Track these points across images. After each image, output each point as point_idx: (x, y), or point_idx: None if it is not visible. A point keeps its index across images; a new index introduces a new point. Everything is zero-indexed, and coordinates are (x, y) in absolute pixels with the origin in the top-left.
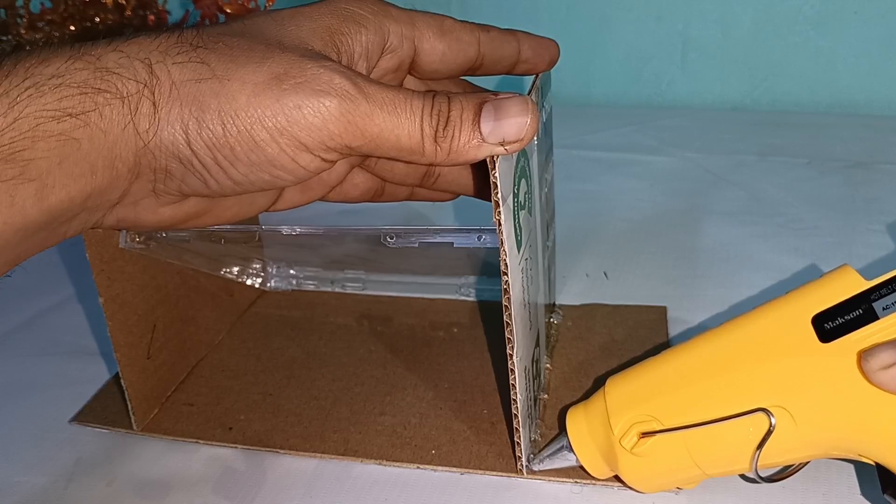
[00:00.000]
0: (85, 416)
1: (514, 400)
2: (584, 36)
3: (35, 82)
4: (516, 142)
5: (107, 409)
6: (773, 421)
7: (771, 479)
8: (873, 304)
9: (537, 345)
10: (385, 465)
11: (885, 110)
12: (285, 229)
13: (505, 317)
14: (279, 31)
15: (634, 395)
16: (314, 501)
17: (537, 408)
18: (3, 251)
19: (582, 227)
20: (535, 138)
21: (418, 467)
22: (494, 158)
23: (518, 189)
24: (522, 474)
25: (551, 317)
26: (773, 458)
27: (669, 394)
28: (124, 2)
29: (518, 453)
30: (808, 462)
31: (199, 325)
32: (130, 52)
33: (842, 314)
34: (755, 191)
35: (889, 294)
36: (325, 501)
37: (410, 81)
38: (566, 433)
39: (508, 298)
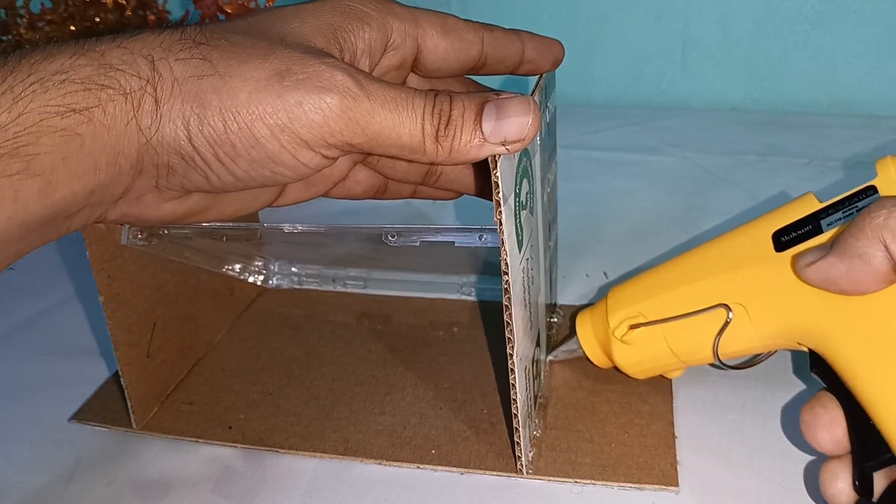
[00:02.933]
0: (84, 414)
1: (514, 400)
2: (584, 36)
3: (39, 78)
4: (517, 141)
5: (106, 408)
6: (730, 314)
7: (736, 367)
8: (821, 222)
9: (538, 345)
10: (385, 465)
11: (885, 110)
12: (287, 227)
13: (505, 316)
14: (282, 28)
15: (628, 298)
16: (314, 501)
17: (537, 407)
18: (6, 245)
19: (582, 227)
20: (538, 138)
21: (418, 467)
22: (496, 158)
23: (520, 189)
24: (522, 474)
25: (552, 317)
26: (731, 346)
27: (656, 296)
28: (124, 2)
29: (518, 453)
30: (770, 355)
31: (198, 323)
32: (134, 48)
33: (795, 229)
34: (755, 191)
35: (834, 213)
36: (325, 501)
37: (413, 80)
38: (576, 332)
39: (509, 298)
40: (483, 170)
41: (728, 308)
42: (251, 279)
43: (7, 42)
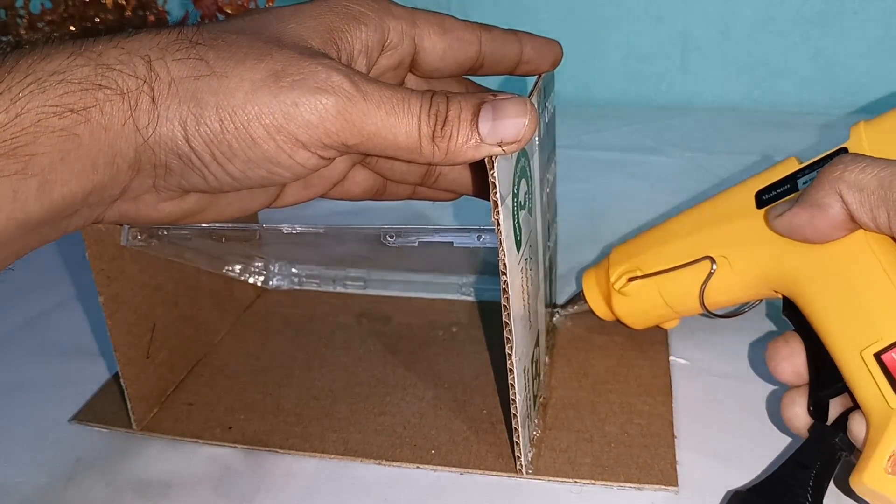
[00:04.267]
0: (84, 415)
1: (513, 400)
2: (584, 36)
3: (37, 78)
4: (514, 142)
5: (106, 409)
6: (714, 266)
7: (723, 316)
8: (798, 181)
9: (537, 345)
10: (384, 465)
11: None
12: (286, 228)
13: (504, 317)
14: (279, 28)
15: (628, 254)
16: (314, 501)
17: (537, 408)
18: (5, 245)
19: (581, 228)
20: (536, 138)
21: (418, 467)
22: (493, 158)
23: (518, 189)
24: (522, 474)
25: (552, 317)
26: (717, 296)
27: (650, 251)
28: (124, 2)
29: (517, 453)
30: (754, 306)
31: (198, 324)
32: (131, 48)
33: (776, 188)
34: None
35: (810, 173)
36: (325, 501)
37: (411, 80)
38: (582, 289)
39: (507, 298)
40: (481, 170)
41: (713, 260)
42: (251, 280)
43: (6, 42)
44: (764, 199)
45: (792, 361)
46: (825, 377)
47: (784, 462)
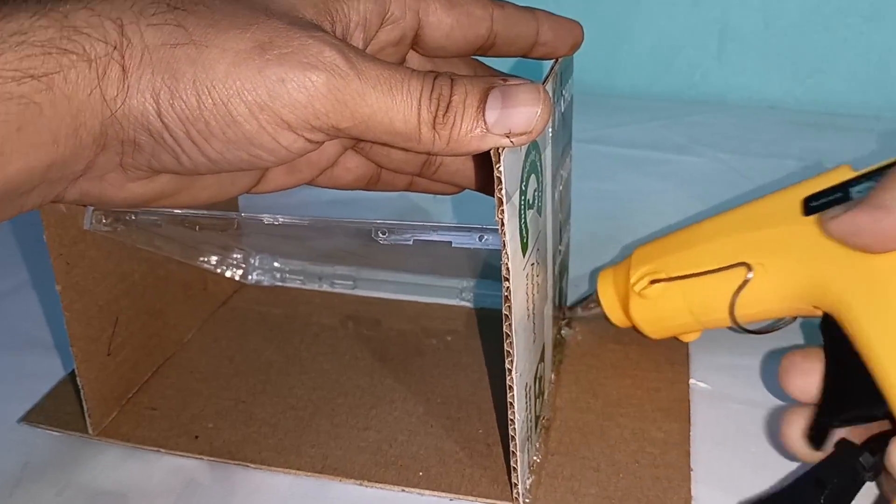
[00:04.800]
0: (35, 416)
1: (512, 420)
2: (609, 18)
3: None
4: (524, 134)
5: (60, 410)
6: (749, 273)
7: (754, 332)
8: (850, 190)
9: (542, 360)
10: (366, 486)
11: None
12: (267, 218)
13: (505, 327)
14: None
15: (652, 254)
16: None
17: (538, 430)
18: None
19: (598, 231)
20: (550, 130)
21: (403, 490)
22: (500, 150)
23: (526, 186)
24: (518, 503)
25: (560, 329)
26: (749, 307)
27: (679, 252)
28: None
29: (514, 480)
30: (789, 323)
31: (167, 319)
32: (102, 10)
33: (826, 196)
34: None
35: (864, 182)
36: None
37: (414, 58)
38: (596, 290)
39: (509, 307)
40: (485, 163)
41: (749, 267)
42: (228, 273)
43: None
44: (812, 205)
45: (805, 379)
46: (839, 403)
47: (802, 474)
